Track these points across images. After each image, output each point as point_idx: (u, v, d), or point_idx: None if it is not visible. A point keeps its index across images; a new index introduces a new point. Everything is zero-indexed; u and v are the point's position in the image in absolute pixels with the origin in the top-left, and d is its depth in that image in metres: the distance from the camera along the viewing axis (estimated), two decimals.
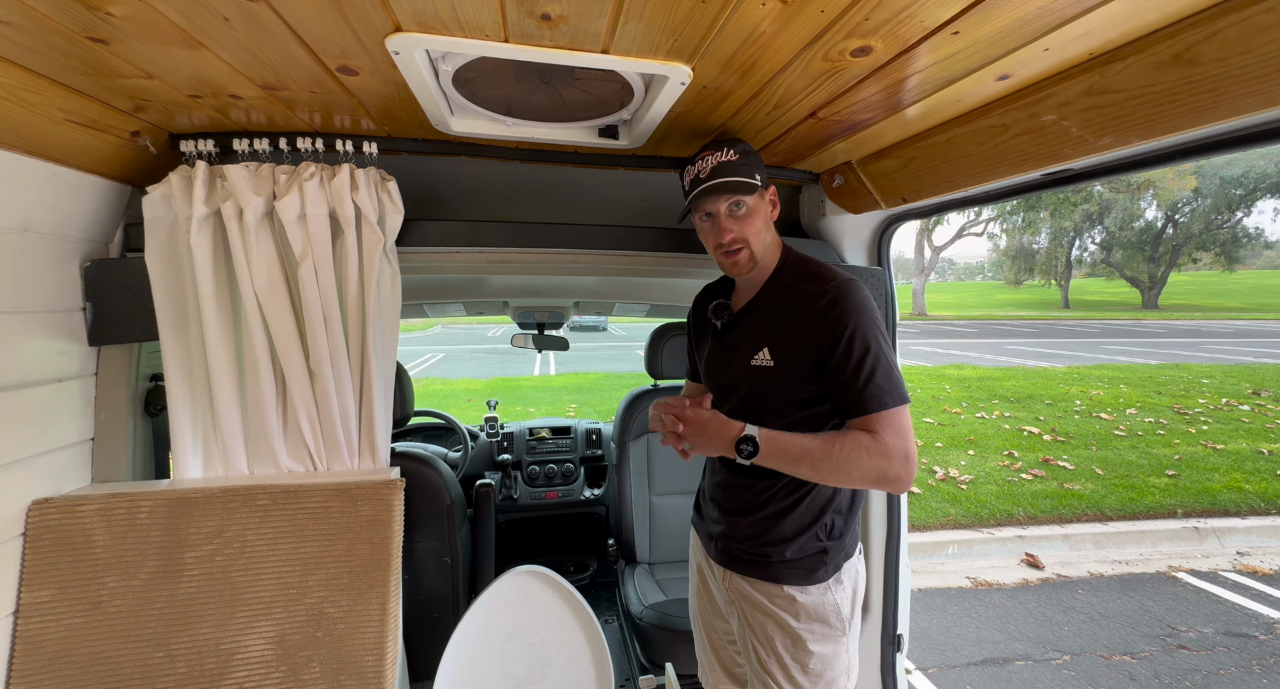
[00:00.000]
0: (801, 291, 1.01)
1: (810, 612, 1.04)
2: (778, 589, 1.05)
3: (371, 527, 1.09)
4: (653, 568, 2.08)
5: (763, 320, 1.05)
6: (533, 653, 1.28)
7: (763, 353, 1.03)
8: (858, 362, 0.93)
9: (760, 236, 1.04)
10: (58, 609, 0.94)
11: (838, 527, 1.06)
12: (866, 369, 0.92)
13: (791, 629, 1.04)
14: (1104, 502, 4.26)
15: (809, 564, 1.04)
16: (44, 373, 0.98)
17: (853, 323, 0.93)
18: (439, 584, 1.47)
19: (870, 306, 0.97)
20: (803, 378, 0.99)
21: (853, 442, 0.92)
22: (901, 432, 0.92)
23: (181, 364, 1.10)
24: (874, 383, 0.92)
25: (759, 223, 1.04)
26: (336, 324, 1.15)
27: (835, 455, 0.92)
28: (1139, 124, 0.71)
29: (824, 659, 1.04)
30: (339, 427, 1.17)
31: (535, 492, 2.55)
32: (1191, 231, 25.47)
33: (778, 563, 1.05)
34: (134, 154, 1.06)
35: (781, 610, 1.05)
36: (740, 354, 1.07)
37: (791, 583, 1.04)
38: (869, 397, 0.92)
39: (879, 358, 0.93)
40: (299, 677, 1.02)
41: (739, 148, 1.02)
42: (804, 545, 1.04)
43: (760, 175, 1.03)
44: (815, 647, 1.04)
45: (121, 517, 0.98)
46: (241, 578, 1.02)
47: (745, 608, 1.10)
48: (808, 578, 1.04)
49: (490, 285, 1.88)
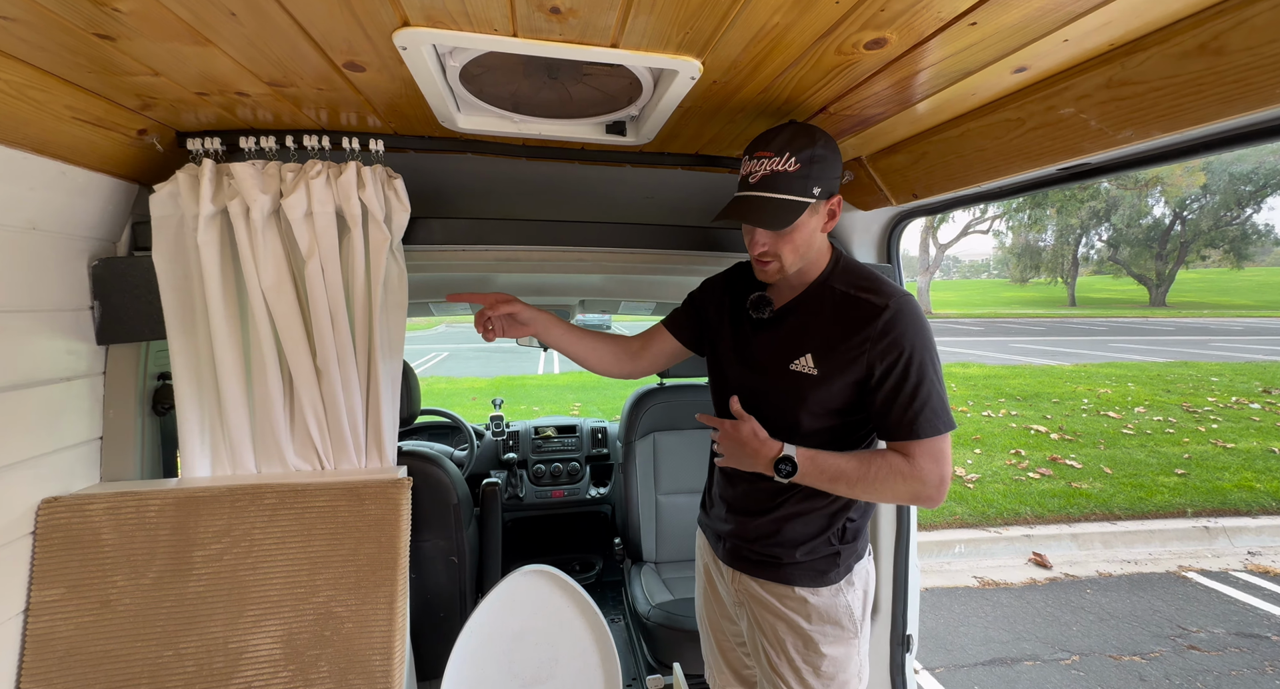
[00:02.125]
0: (859, 302, 0.94)
1: (822, 613, 1.03)
2: (789, 591, 1.04)
3: (379, 526, 1.09)
4: (659, 567, 2.08)
5: (808, 324, 0.99)
6: (540, 652, 1.28)
7: (805, 359, 0.97)
8: (913, 389, 0.89)
9: (799, 252, 0.96)
10: (67, 608, 0.94)
11: (850, 530, 1.05)
12: (921, 397, 0.89)
13: (803, 631, 1.03)
14: (1112, 501, 4.23)
15: (821, 566, 1.03)
16: (52, 372, 0.98)
17: (912, 346, 0.90)
18: (446, 583, 1.46)
19: (927, 328, 0.93)
20: (845, 390, 0.95)
21: (889, 466, 0.90)
22: (941, 458, 0.90)
23: (189, 363, 1.10)
24: (927, 410, 0.89)
25: (802, 238, 0.94)
26: (343, 323, 1.14)
27: (870, 478, 0.91)
28: (1161, 116, 0.69)
29: (836, 661, 1.03)
30: (346, 426, 1.17)
31: (541, 490, 2.55)
32: (1200, 228, 25.26)
33: (789, 564, 1.03)
34: (141, 152, 1.05)
35: (793, 612, 1.04)
36: (778, 355, 1.01)
37: (803, 584, 1.03)
38: (919, 424, 0.89)
39: (934, 386, 0.90)
40: (306, 676, 1.01)
41: (809, 153, 0.89)
42: (816, 548, 1.03)
43: (822, 186, 0.91)
44: (827, 649, 1.03)
45: (130, 515, 0.98)
46: (249, 577, 1.02)
47: (755, 609, 1.09)
48: (819, 580, 1.03)
49: (497, 284, 1.87)
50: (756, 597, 1.08)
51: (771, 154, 0.90)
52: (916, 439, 0.90)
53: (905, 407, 0.90)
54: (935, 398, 0.90)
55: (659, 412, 2.12)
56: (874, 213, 1.42)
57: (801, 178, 0.89)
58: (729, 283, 1.18)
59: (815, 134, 0.91)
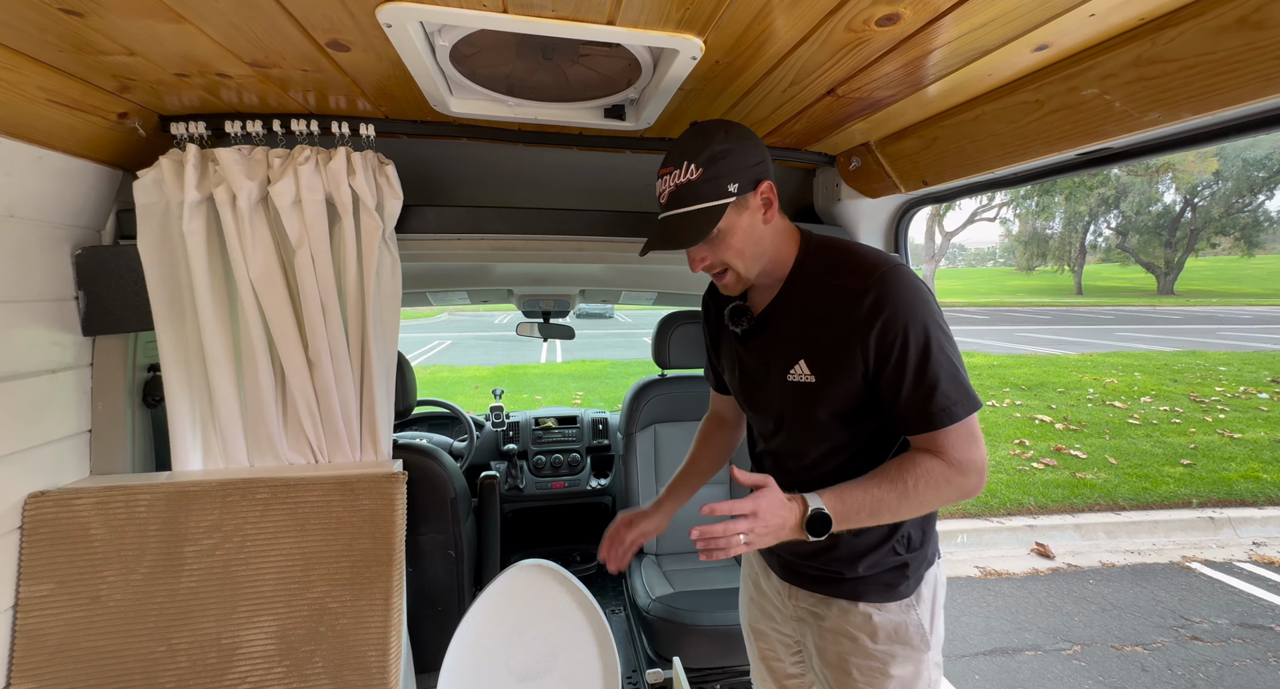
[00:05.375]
0: (837, 290, 0.84)
1: (890, 632, 0.93)
2: (852, 607, 0.94)
3: (373, 521, 1.07)
4: (660, 559, 2.07)
5: (793, 326, 0.90)
6: (538, 647, 1.27)
7: (799, 366, 0.88)
8: (917, 372, 0.79)
9: (746, 255, 0.87)
10: (57, 603, 0.92)
11: (915, 538, 0.94)
12: (929, 379, 0.79)
13: (868, 651, 0.93)
14: (1117, 491, 4.21)
15: (887, 579, 0.93)
16: (37, 364, 0.96)
17: (906, 324, 0.79)
18: (444, 577, 1.45)
19: (922, 295, 0.81)
20: (852, 392, 0.85)
21: (925, 474, 0.81)
22: (973, 442, 0.81)
23: (178, 354, 1.08)
24: (939, 394, 0.79)
25: (740, 240, 0.86)
26: (335, 314, 1.11)
27: (911, 495, 0.81)
28: (1192, 96, 0.65)
29: (903, 682, 0.93)
30: (339, 418, 1.14)
31: (541, 481, 2.53)
32: (1211, 215, 24.91)
33: (851, 580, 0.94)
34: (123, 137, 1.02)
35: (857, 630, 0.94)
36: (772, 367, 0.93)
37: (869, 600, 0.93)
38: (936, 412, 0.79)
39: (941, 362, 0.79)
40: (302, 671, 1.00)
41: (708, 153, 0.82)
42: (879, 560, 0.93)
43: (738, 179, 0.83)
44: (895, 670, 0.93)
45: (119, 510, 0.96)
46: (242, 572, 1.00)
47: (815, 627, 1.00)
48: (886, 594, 0.93)
49: (494, 273, 1.84)
50: (816, 613, 0.99)
51: (672, 168, 0.85)
52: (937, 429, 0.80)
53: (913, 394, 0.80)
54: (947, 377, 0.79)
55: (660, 403, 2.09)
56: (881, 201, 1.37)
57: (709, 181, 0.82)
58: (714, 298, 1.09)
59: (711, 130, 0.85)
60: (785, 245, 0.91)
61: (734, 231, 0.85)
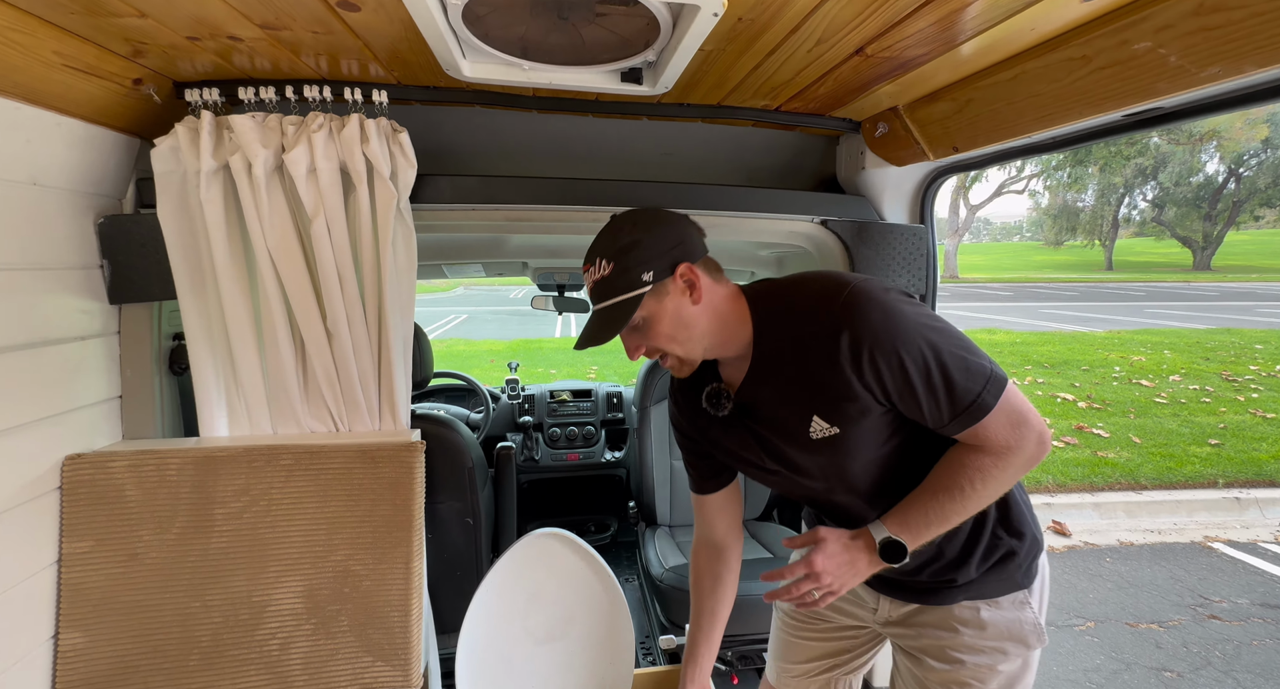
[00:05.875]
0: (809, 341, 0.80)
1: (1003, 629, 0.89)
2: (965, 608, 0.91)
3: (393, 488, 1.09)
4: (673, 530, 2.10)
5: (787, 388, 0.86)
6: (555, 611, 1.30)
7: (816, 422, 0.84)
8: (927, 386, 0.76)
9: (675, 337, 0.85)
10: (97, 559, 0.97)
11: (1014, 517, 0.90)
12: (943, 386, 0.75)
13: (976, 646, 0.90)
14: (1139, 470, 4.14)
15: (1001, 573, 0.90)
16: (68, 331, 0.98)
17: (893, 348, 0.75)
18: (462, 544, 1.49)
19: (892, 308, 0.77)
20: (881, 425, 0.83)
21: (978, 472, 0.78)
22: (1016, 421, 0.77)
23: (201, 324, 1.09)
24: (959, 394, 0.76)
25: (670, 324, 0.85)
26: (352, 285, 1.12)
27: (973, 496, 0.79)
28: (1258, 48, 0.60)
29: (1010, 677, 0.90)
30: (359, 388, 1.16)
31: (556, 453, 2.57)
32: (1257, 186, 23.68)
33: (964, 584, 0.90)
34: (139, 104, 1.01)
35: (963, 624, 0.90)
36: (788, 435, 0.88)
37: (984, 597, 0.90)
38: (965, 412, 0.77)
39: (947, 362, 0.75)
40: (328, 629, 1.04)
41: (616, 247, 0.84)
42: (987, 553, 0.89)
43: (652, 267, 0.82)
44: (1004, 666, 0.90)
45: (151, 473, 1.00)
46: (269, 535, 1.04)
47: (910, 632, 0.96)
48: (1002, 588, 0.90)
49: (509, 245, 1.83)
50: (918, 621, 0.95)
51: (589, 266, 0.87)
52: (975, 425, 0.77)
53: (934, 406, 0.77)
54: (960, 374, 0.75)
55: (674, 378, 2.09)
56: (908, 169, 1.32)
57: (621, 273, 0.83)
58: (683, 389, 1.04)
59: (619, 224, 0.87)
60: (732, 316, 0.88)
61: (659, 318, 0.85)
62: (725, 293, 0.89)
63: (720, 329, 0.88)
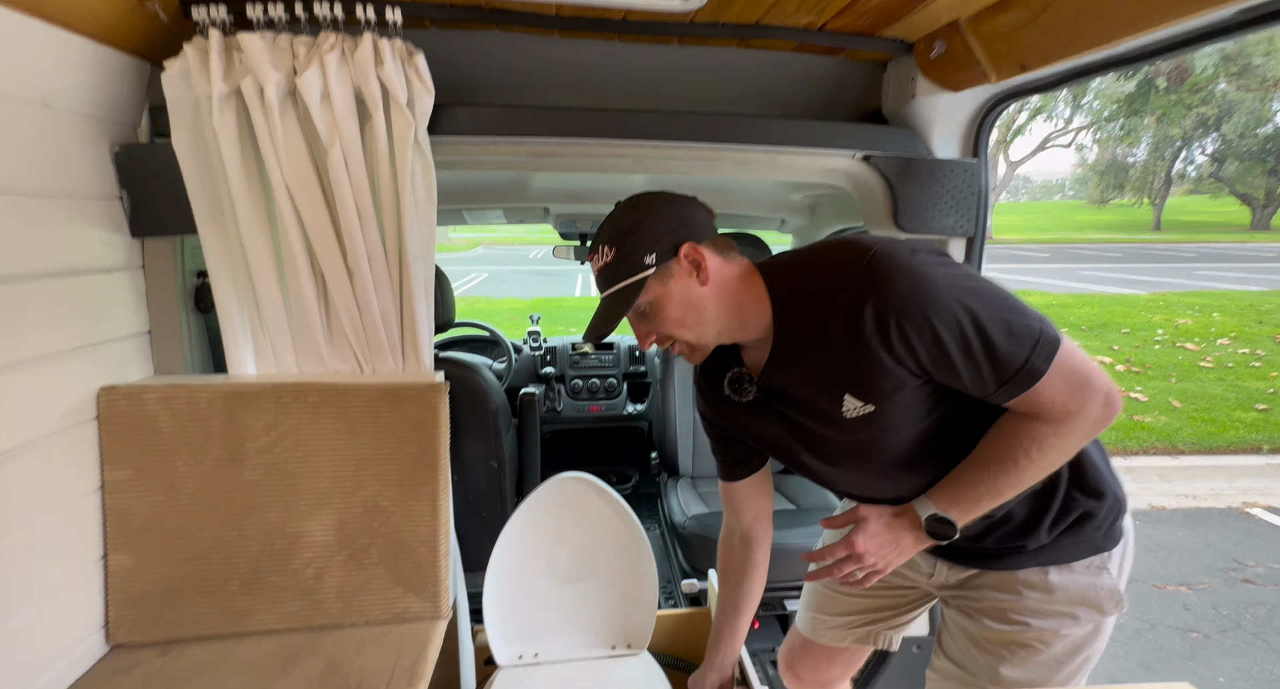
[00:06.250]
0: (832, 316, 0.74)
1: (1073, 594, 0.84)
2: (1032, 572, 0.85)
3: (419, 428, 1.09)
4: (695, 482, 2.10)
5: (815, 367, 0.79)
6: (579, 553, 1.32)
7: (849, 401, 0.78)
8: (966, 356, 0.69)
9: (684, 321, 0.81)
10: (137, 488, 0.99)
11: (1090, 478, 0.83)
12: (984, 353, 0.68)
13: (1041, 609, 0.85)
14: (1177, 435, 4.01)
15: (1076, 536, 0.84)
16: (93, 262, 0.98)
17: (924, 318, 0.68)
18: (487, 487, 1.51)
19: (919, 272, 0.69)
20: (920, 398, 0.77)
21: (1034, 443, 0.71)
22: (1074, 383, 0.69)
23: (223, 260, 1.08)
24: (1003, 360, 0.68)
25: (678, 308, 0.80)
26: (371, 220, 1.08)
27: (1029, 468, 0.72)
28: None
29: (1075, 643, 0.85)
30: (381, 329, 1.14)
31: (579, 405, 2.58)
32: None
33: (1035, 550, 0.84)
34: (146, 24, 0.97)
35: (1029, 588, 0.85)
36: (821, 415, 0.82)
37: (1056, 562, 0.84)
38: (1009, 381, 0.69)
39: (988, 327, 0.67)
40: (360, 561, 1.07)
41: (616, 231, 0.81)
42: (1060, 516, 0.82)
43: (654, 249, 0.78)
44: (1071, 631, 0.85)
45: (182, 406, 1.01)
46: (300, 469, 1.05)
47: (969, 594, 0.91)
48: (1075, 553, 0.84)
49: (530, 188, 1.77)
50: (977, 584, 0.90)
51: (594, 254, 0.85)
52: (1025, 392, 0.70)
53: (977, 376, 0.70)
54: (1002, 339, 0.67)
55: None
56: (964, 95, 1.20)
57: (622, 258, 0.80)
58: (705, 375, 1.00)
59: (619, 210, 0.84)
60: (747, 296, 0.82)
61: (666, 302, 0.80)
62: (737, 272, 0.83)
63: (734, 311, 0.82)
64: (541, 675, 1.21)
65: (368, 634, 1.04)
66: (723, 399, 0.94)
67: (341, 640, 1.02)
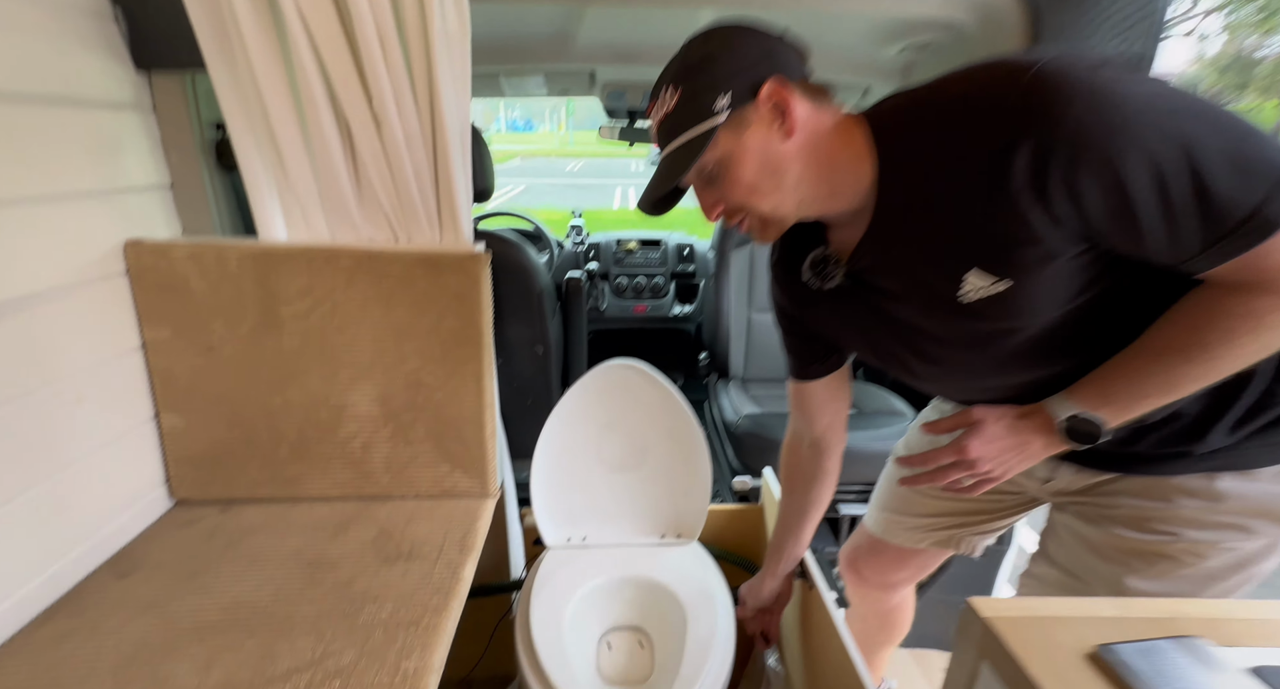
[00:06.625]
0: (962, 164, 0.55)
1: (1250, 503, 0.67)
2: (1197, 480, 0.69)
3: (459, 300, 1.01)
4: (747, 384, 2.01)
5: (926, 246, 0.62)
6: (629, 442, 1.26)
7: (970, 281, 0.60)
8: (1159, 205, 0.50)
9: (759, 187, 0.64)
10: (177, 348, 0.97)
11: None
12: (1189, 202, 0.50)
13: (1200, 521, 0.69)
14: None
15: (1267, 439, 0.66)
16: (95, 93, 0.88)
17: (1102, 154, 0.49)
18: (532, 373, 1.45)
19: (1103, 90, 0.49)
20: (1068, 268, 0.58)
21: (1243, 316, 0.53)
22: None
23: (239, 104, 0.96)
24: (1218, 208, 0.49)
25: (748, 169, 0.63)
26: (396, 55, 0.93)
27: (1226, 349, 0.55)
28: None
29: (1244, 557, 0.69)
30: (414, 190, 1.03)
31: (623, 304, 2.48)
32: None
33: (1207, 454, 0.68)
34: None
35: (1189, 497, 0.69)
36: (929, 302, 0.66)
37: (1234, 468, 0.67)
38: (1227, 236, 0.50)
39: (1201, 162, 0.48)
40: (406, 436, 1.04)
41: (681, 71, 0.64)
42: (1252, 413, 0.65)
43: (729, 87, 0.61)
44: (1238, 544, 0.69)
45: (212, 265, 0.95)
46: (338, 339, 1.00)
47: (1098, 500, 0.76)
48: (1263, 458, 0.67)
49: (575, 45, 1.54)
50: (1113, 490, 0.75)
51: (654, 103, 0.68)
52: (1245, 254, 0.51)
53: (1174, 232, 0.52)
54: (1225, 177, 0.48)
55: None
56: None
57: (688, 101, 0.63)
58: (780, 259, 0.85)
59: (690, 46, 0.65)
60: (842, 155, 0.64)
61: (738, 160, 0.63)
62: (832, 124, 0.64)
63: (824, 174, 0.64)
64: (592, 556, 1.20)
65: (417, 507, 1.02)
66: (800, 286, 0.80)
67: (392, 510, 1.01)
